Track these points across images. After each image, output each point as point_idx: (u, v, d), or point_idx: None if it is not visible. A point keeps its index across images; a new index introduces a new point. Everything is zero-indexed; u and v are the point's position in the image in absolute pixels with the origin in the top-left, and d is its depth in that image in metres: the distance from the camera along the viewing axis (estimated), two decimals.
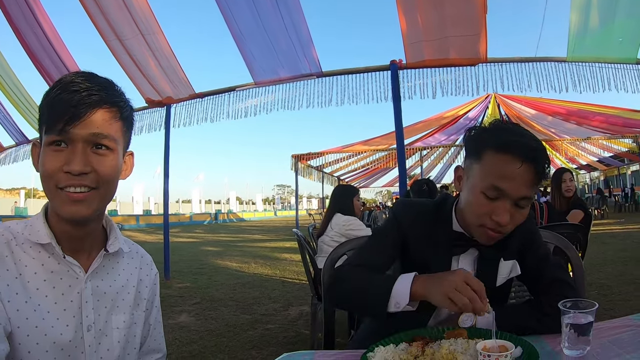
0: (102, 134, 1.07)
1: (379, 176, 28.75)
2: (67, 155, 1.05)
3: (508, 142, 1.31)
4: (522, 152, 1.28)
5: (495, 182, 1.31)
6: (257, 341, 4.18)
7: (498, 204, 1.32)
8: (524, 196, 1.31)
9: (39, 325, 1.05)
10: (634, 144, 17.30)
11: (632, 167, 33.25)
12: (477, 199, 1.36)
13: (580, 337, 1.09)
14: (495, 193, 1.32)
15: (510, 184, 1.30)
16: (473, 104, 19.20)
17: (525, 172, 1.29)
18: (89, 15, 5.96)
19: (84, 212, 1.07)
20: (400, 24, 5.65)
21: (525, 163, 1.28)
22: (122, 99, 1.15)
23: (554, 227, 3.49)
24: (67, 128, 1.04)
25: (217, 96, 7.41)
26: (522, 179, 1.29)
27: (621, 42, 5.71)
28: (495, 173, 1.32)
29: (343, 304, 1.51)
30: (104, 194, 1.11)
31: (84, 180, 1.06)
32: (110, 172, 1.11)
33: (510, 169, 1.29)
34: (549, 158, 1.36)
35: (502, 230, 1.35)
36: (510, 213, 1.32)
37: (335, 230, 4.25)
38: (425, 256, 1.52)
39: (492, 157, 1.34)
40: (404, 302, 1.27)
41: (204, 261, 10.16)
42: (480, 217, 1.37)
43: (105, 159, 1.10)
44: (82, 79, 1.08)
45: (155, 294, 1.40)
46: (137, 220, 29.64)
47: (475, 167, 1.39)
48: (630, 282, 5.99)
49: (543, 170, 1.30)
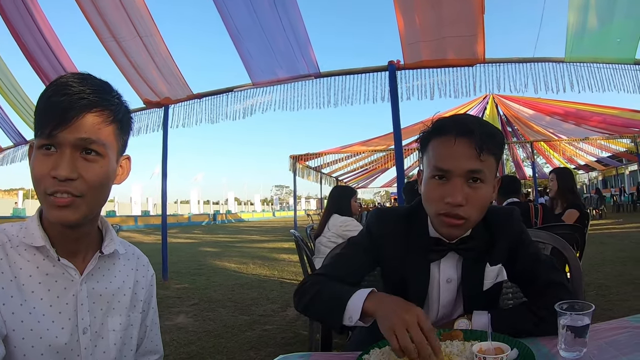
0: (90, 138, 1.05)
1: (377, 176, 28.78)
2: (55, 159, 1.04)
3: (442, 125, 1.35)
4: (454, 129, 1.30)
5: (438, 163, 1.32)
6: (255, 342, 4.17)
7: (448, 185, 1.31)
8: (470, 169, 1.29)
9: (34, 328, 1.05)
10: (632, 144, 17.35)
11: (630, 167, 33.29)
12: (428, 186, 1.36)
13: (576, 338, 1.09)
14: (441, 174, 1.32)
15: (451, 162, 1.30)
16: (471, 105, 19.25)
17: (463, 147, 1.29)
18: (86, 16, 5.96)
19: (70, 217, 1.06)
20: (397, 25, 5.65)
21: (459, 137, 1.29)
22: (114, 102, 1.12)
23: (551, 228, 3.50)
24: (54, 132, 1.02)
25: (214, 97, 7.40)
26: (462, 154, 1.29)
27: (619, 42, 5.71)
28: (436, 156, 1.34)
29: (304, 311, 1.46)
30: (91, 201, 1.09)
31: (68, 186, 1.04)
32: (97, 179, 1.08)
33: (447, 147, 1.31)
34: (496, 134, 1.35)
35: (459, 212, 1.30)
36: (463, 192, 1.29)
37: (332, 231, 4.26)
38: (402, 264, 1.49)
39: (432, 144, 1.37)
40: (356, 317, 1.22)
41: (202, 262, 10.14)
42: (435, 203, 1.35)
43: (94, 165, 1.07)
44: (77, 81, 1.06)
45: (151, 295, 1.40)
46: (135, 221, 29.55)
47: (424, 160, 1.41)
48: (629, 282, 5.98)
49: (484, 141, 1.28)
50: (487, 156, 1.30)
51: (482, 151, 1.27)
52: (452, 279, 1.47)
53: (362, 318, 1.22)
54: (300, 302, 1.44)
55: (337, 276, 1.46)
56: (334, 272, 1.49)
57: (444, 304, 1.50)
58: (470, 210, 1.32)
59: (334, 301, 1.30)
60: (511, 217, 1.49)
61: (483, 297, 1.46)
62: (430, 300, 1.51)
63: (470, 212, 1.32)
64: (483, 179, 1.31)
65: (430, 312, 1.53)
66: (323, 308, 1.36)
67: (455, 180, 1.30)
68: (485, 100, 19.68)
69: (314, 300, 1.39)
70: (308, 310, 1.44)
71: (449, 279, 1.47)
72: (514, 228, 1.49)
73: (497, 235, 1.45)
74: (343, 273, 1.48)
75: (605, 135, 17.64)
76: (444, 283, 1.48)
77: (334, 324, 1.28)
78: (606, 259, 7.99)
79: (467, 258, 1.44)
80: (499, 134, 1.36)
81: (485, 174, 1.31)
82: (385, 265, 1.56)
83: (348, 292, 1.28)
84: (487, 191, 1.34)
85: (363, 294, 1.24)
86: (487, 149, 1.29)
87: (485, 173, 1.31)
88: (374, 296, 1.23)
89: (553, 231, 2.28)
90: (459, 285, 1.48)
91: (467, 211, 1.31)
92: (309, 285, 1.44)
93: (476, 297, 1.46)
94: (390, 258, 1.52)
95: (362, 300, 1.22)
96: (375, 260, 1.55)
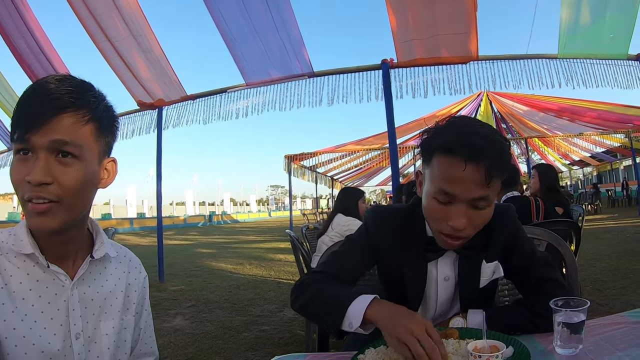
0: (64, 139, 1.01)
1: (372, 175, 28.82)
2: (31, 164, 1.00)
3: (451, 143, 1.24)
4: (465, 152, 1.20)
5: (444, 186, 1.26)
6: (252, 343, 4.17)
7: (452, 209, 1.27)
8: (476, 197, 1.25)
9: (26, 335, 1.03)
10: (627, 139, 17.42)
11: (625, 162, 33.42)
12: (431, 204, 1.32)
13: (572, 335, 1.09)
14: (445, 197, 1.27)
15: (458, 187, 1.24)
16: (465, 102, 19.30)
17: (472, 173, 1.21)
18: (78, 17, 5.92)
19: (49, 224, 1.02)
20: (390, 23, 5.65)
21: (470, 163, 1.20)
22: (91, 100, 1.07)
23: (546, 224, 3.49)
24: (27, 135, 0.99)
25: (208, 98, 7.38)
26: (471, 180, 1.22)
27: (612, 38, 5.73)
28: (442, 177, 1.27)
29: (300, 311, 1.44)
30: (70, 206, 1.04)
31: (43, 191, 0.99)
32: (74, 183, 1.03)
33: (455, 171, 1.23)
34: (505, 151, 1.27)
35: (460, 235, 1.29)
36: (467, 216, 1.27)
37: (335, 230, 4.29)
38: (399, 263, 1.48)
39: (438, 160, 1.29)
40: (357, 324, 1.19)
41: (198, 263, 10.13)
42: (437, 222, 1.32)
43: (69, 169, 1.02)
44: (54, 82, 1.03)
45: (144, 297, 1.38)
46: (131, 223, 29.49)
47: (426, 172, 1.35)
48: (624, 276, 6.01)
49: (494, 167, 1.21)
50: (495, 181, 1.24)
51: (492, 179, 1.22)
52: (450, 277, 1.47)
53: (362, 325, 1.19)
54: (296, 301, 1.43)
55: (335, 274, 1.46)
56: (332, 270, 1.48)
57: (441, 301, 1.51)
58: (471, 231, 1.31)
59: (333, 305, 1.27)
60: (507, 215, 1.48)
61: (480, 295, 1.46)
62: (427, 298, 1.51)
63: (470, 232, 1.31)
64: (488, 202, 1.28)
65: (428, 310, 1.54)
66: (321, 310, 1.34)
67: (459, 206, 1.26)
68: (479, 98, 19.72)
69: (311, 301, 1.37)
70: (304, 311, 1.43)
71: (447, 276, 1.47)
72: (510, 226, 1.48)
73: (493, 232, 1.44)
74: (340, 271, 1.48)
75: (600, 131, 17.70)
76: (442, 281, 1.48)
77: (334, 329, 1.26)
78: (602, 254, 8.03)
79: (464, 256, 1.44)
80: (509, 153, 1.30)
81: (490, 198, 1.28)
82: (382, 263, 1.56)
83: (349, 297, 1.25)
84: (490, 211, 1.31)
85: (365, 300, 1.21)
86: (497, 175, 1.24)
87: (490, 197, 1.27)
88: (377, 304, 1.20)
89: (549, 227, 2.29)
90: (456, 283, 1.48)
91: (468, 232, 1.30)
92: (307, 284, 1.43)
93: (473, 294, 1.46)
94: (388, 256, 1.51)
95: (364, 308, 1.19)
96: (373, 258, 1.55)
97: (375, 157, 19.71)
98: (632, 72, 6.00)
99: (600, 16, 5.60)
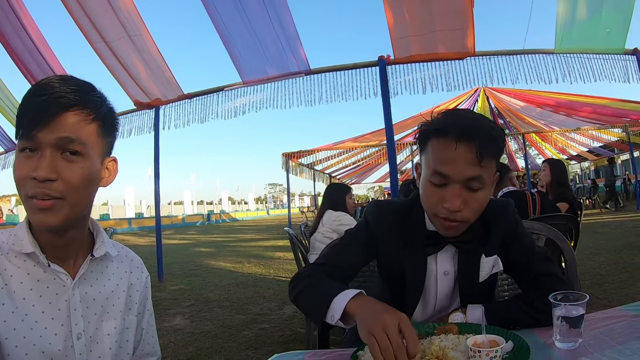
0: (70, 137, 1.02)
1: (370, 172, 28.78)
2: (35, 161, 1.01)
3: (442, 125, 1.31)
4: (456, 132, 1.26)
5: (437, 167, 1.29)
6: (252, 341, 4.17)
7: (446, 190, 1.30)
8: (470, 177, 1.27)
9: (27, 336, 1.04)
10: (624, 133, 17.43)
11: (622, 156, 33.41)
12: (426, 188, 1.35)
13: (571, 329, 1.10)
14: (439, 179, 1.30)
15: (451, 167, 1.27)
16: (462, 98, 19.27)
17: (464, 152, 1.25)
18: (73, 17, 5.91)
19: (52, 221, 1.03)
20: (387, 19, 5.65)
21: (461, 143, 1.25)
22: (95, 100, 1.09)
23: (545, 219, 3.50)
24: (33, 132, 1.00)
25: (205, 96, 7.38)
26: (463, 160, 1.26)
27: (609, 32, 5.74)
28: (436, 159, 1.31)
29: (294, 301, 1.45)
30: (73, 203, 1.05)
31: (48, 188, 1.01)
32: (78, 180, 1.05)
33: (447, 151, 1.27)
34: (496, 131, 1.31)
35: (457, 217, 1.31)
36: (462, 198, 1.29)
37: (326, 226, 4.26)
38: (398, 257, 1.49)
39: (432, 144, 1.34)
40: (338, 316, 1.19)
41: (197, 262, 10.11)
42: (433, 206, 1.34)
43: (74, 165, 1.04)
44: (58, 82, 1.04)
45: (147, 297, 1.38)
46: (129, 223, 29.37)
47: (423, 159, 1.39)
48: (623, 270, 6.03)
49: (484, 145, 1.25)
50: (487, 161, 1.27)
51: (483, 157, 1.25)
52: (449, 272, 1.48)
53: (344, 318, 1.20)
54: (292, 292, 1.45)
55: (334, 267, 1.47)
56: (331, 262, 1.49)
57: (441, 296, 1.51)
58: (468, 214, 1.32)
59: (320, 297, 1.29)
60: (506, 210, 1.50)
61: (479, 289, 1.46)
62: (427, 293, 1.52)
63: (467, 215, 1.32)
64: (482, 183, 1.30)
65: (427, 305, 1.54)
66: (310, 302, 1.36)
67: (453, 186, 1.29)
68: (476, 93, 19.70)
69: (304, 292, 1.39)
70: (298, 301, 1.44)
71: (446, 271, 1.48)
72: (509, 220, 1.49)
73: (492, 227, 1.45)
74: (340, 264, 1.49)
75: (597, 126, 17.71)
76: (441, 275, 1.49)
77: (316, 320, 1.28)
78: (600, 248, 8.05)
79: (463, 250, 1.45)
80: (500, 135, 1.32)
81: (484, 179, 1.29)
82: (382, 258, 1.57)
83: (336, 289, 1.26)
84: (486, 194, 1.33)
85: (349, 294, 1.22)
86: (488, 154, 1.27)
87: (484, 178, 1.29)
88: (359, 298, 1.20)
89: (547, 222, 2.29)
90: (455, 277, 1.49)
91: (464, 215, 1.31)
92: (304, 276, 1.45)
93: (472, 288, 1.46)
94: (388, 251, 1.52)
95: (346, 301, 1.20)
96: (373, 252, 1.56)
97: (373, 154, 19.69)
98: (629, 67, 6.02)
99: (596, 11, 5.62)
